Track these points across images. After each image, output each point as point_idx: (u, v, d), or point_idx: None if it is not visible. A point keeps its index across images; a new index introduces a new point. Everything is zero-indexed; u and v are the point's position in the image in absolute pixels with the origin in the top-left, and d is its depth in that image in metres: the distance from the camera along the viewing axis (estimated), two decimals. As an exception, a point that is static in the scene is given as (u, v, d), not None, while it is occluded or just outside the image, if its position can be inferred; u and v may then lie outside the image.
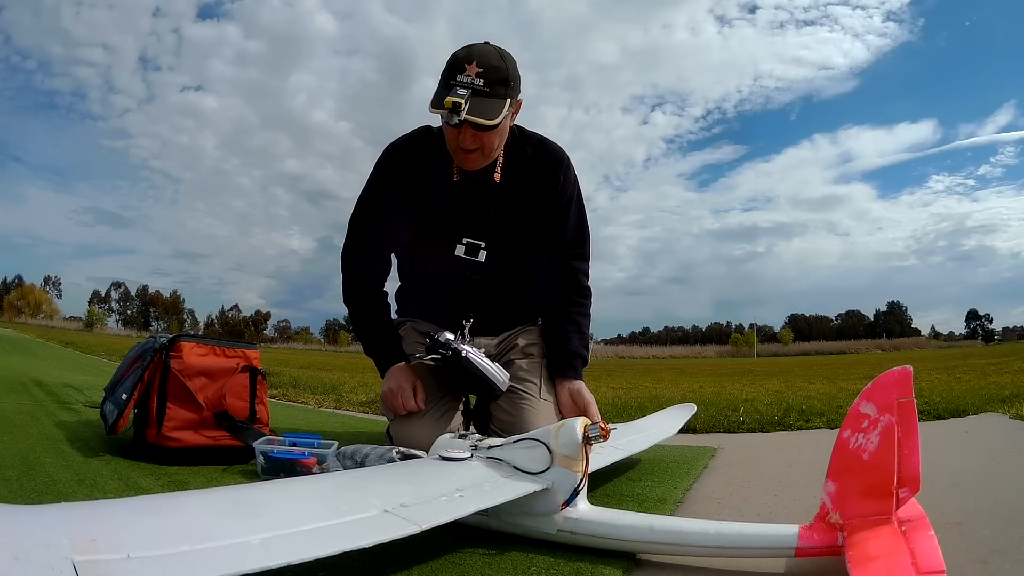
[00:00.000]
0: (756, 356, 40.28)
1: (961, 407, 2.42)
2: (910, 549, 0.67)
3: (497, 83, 1.26)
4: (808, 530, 0.76)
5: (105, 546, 0.53)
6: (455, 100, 1.20)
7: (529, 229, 1.48)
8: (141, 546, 0.55)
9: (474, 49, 1.28)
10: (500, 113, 1.26)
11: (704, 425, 2.28)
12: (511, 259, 1.49)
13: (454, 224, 1.44)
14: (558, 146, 1.50)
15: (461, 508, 0.78)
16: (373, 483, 0.90)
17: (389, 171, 1.46)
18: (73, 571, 0.48)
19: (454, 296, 1.49)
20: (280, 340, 63.71)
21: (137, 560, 0.53)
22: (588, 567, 0.80)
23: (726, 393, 4.14)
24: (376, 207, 1.47)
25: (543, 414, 1.42)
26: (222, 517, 0.67)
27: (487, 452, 0.95)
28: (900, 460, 0.71)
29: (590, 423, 0.89)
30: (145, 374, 1.50)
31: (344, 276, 1.51)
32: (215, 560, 0.55)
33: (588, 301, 1.54)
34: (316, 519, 0.67)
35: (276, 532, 0.63)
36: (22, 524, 0.57)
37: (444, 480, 0.87)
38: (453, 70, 1.26)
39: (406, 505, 0.74)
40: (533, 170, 1.45)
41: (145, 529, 0.61)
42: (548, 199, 1.47)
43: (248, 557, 0.56)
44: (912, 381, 0.74)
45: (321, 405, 3.09)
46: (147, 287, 70.73)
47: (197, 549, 0.56)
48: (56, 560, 0.49)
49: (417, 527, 0.69)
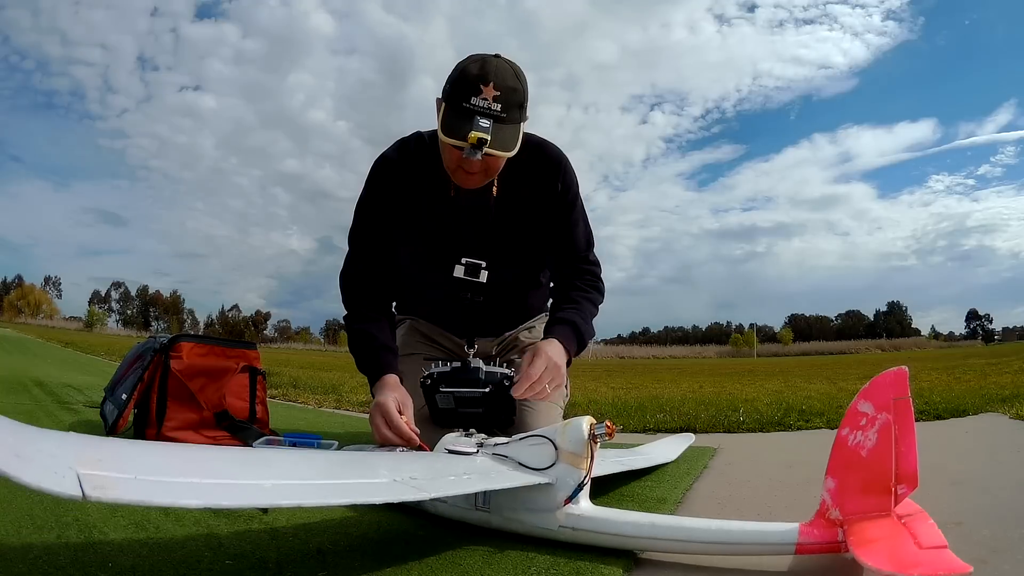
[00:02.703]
0: (756, 356, 40.29)
1: (961, 407, 2.41)
2: (911, 533, 0.70)
3: (514, 107, 1.16)
4: (808, 527, 0.76)
5: (111, 466, 0.50)
6: (481, 136, 1.09)
7: (531, 240, 1.39)
8: (149, 472, 0.52)
9: (489, 67, 1.15)
10: (518, 140, 1.17)
11: (704, 425, 2.28)
12: (514, 273, 1.40)
13: (452, 243, 1.35)
14: (555, 147, 1.40)
15: (468, 485, 0.79)
16: (382, 459, 0.91)
17: (381, 185, 1.36)
18: (76, 481, 0.45)
19: (455, 317, 1.45)
20: (280, 340, 63.78)
21: (145, 482, 0.50)
22: (588, 566, 0.79)
23: (726, 393, 4.14)
24: (374, 221, 1.37)
25: (542, 415, 1.41)
26: (233, 464, 0.66)
27: (493, 449, 0.96)
28: (897, 457, 0.73)
29: (596, 422, 0.90)
30: (145, 374, 1.50)
31: (344, 295, 1.39)
32: (227, 492, 0.54)
33: (597, 293, 1.43)
34: (327, 477, 0.67)
35: (288, 481, 0.62)
36: (30, 433, 0.54)
37: (452, 465, 0.88)
38: (467, 90, 1.13)
39: (415, 478, 0.74)
40: (532, 177, 1.35)
41: (153, 460, 0.58)
42: (549, 206, 1.38)
43: (260, 495, 0.55)
44: (908, 381, 0.75)
45: (321, 405, 3.09)
46: (147, 287, 71.00)
47: (207, 482, 0.54)
48: (59, 467, 0.46)
49: (426, 494, 0.70)
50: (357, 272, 1.38)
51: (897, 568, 0.65)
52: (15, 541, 0.80)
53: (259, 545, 0.84)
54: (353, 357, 1.33)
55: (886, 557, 0.66)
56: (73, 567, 0.72)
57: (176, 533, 0.87)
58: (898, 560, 0.66)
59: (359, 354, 1.32)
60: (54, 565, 0.72)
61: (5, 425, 0.52)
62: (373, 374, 1.27)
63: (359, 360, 1.32)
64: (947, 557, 0.65)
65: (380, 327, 1.34)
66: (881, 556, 0.67)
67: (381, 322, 1.35)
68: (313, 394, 3.50)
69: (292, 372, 5.84)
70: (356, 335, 1.33)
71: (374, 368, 1.28)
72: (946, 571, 0.63)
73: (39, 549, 0.77)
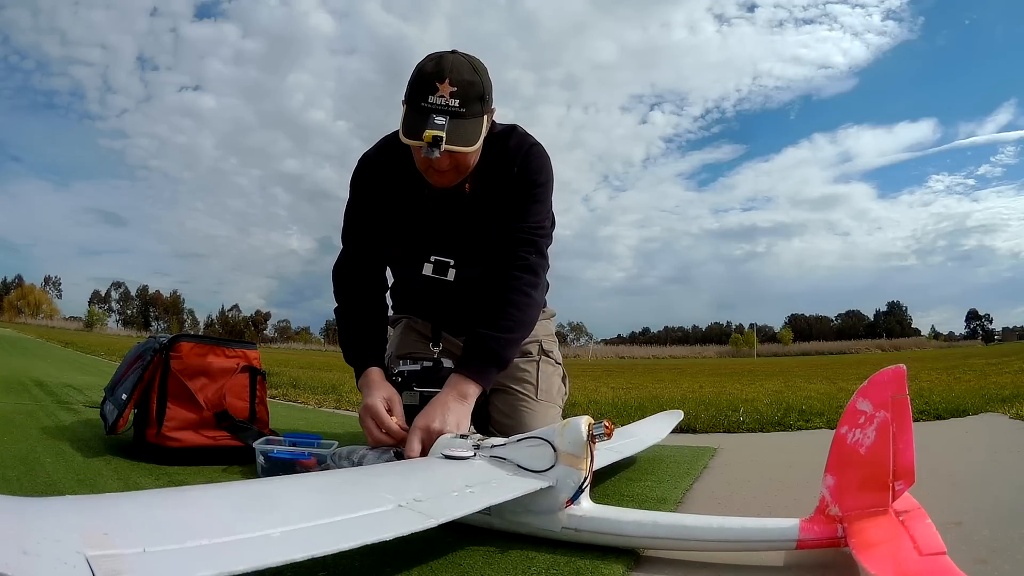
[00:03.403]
0: (756, 356, 40.29)
1: (961, 407, 2.41)
2: (910, 535, 0.71)
3: (474, 100, 1.15)
4: (808, 523, 0.78)
5: (118, 540, 0.49)
6: (435, 134, 1.10)
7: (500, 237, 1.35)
8: (157, 540, 0.50)
9: (444, 63, 1.15)
10: (480, 134, 1.17)
11: (704, 425, 2.28)
12: (483, 271, 1.35)
13: (422, 242, 1.36)
14: (525, 135, 1.34)
15: (474, 503, 0.77)
16: (382, 479, 0.90)
17: (362, 185, 1.38)
18: (87, 566, 0.44)
19: (428, 315, 1.47)
20: (280, 340, 63.83)
21: (155, 554, 0.48)
22: (588, 565, 0.80)
23: (726, 393, 4.14)
24: (360, 221, 1.39)
25: (541, 416, 1.41)
26: (237, 511, 0.65)
27: (490, 452, 0.95)
28: (895, 454, 0.75)
29: (594, 421, 0.90)
30: (145, 374, 1.50)
31: (335, 287, 1.41)
32: (237, 553, 0.52)
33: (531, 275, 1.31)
34: (333, 513, 0.66)
35: (295, 526, 0.61)
36: (27, 516, 0.53)
37: (452, 477, 0.87)
38: (423, 89, 1.13)
39: (419, 500, 0.73)
40: (503, 168, 1.31)
41: (158, 522, 0.57)
42: (508, 193, 1.32)
43: (270, 550, 0.54)
44: (906, 379, 0.76)
45: (321, 405, 3.09)
46: (147, 287, 71.07)
47: (216, 543, 0.53)
48: (67, 555, 0.45)
49: (435, 520, 0.68)
50: (349, 266, 1.41)
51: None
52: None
53: (259, 545, 0.84)
54: (342, 350, 1.35)
55: (888, 566, 0.67)
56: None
57: (176, 533, 0.87)
58: (899, 569, 0.67)
59: (346, 346, 1.34)
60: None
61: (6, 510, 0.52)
62: (358, 366, 1.30)
63: (346, 352, 1.34)
64: (945, 565, 0.66)
65: (368, 320, 1.36)
66: (884, 564, 0.67)
67: (370, 315, 1.37)
68: (313, 394, 3.50)
69: (292, 372, 5.84)
70: (345, 327, 1.37)
71: (358, 360, 1.30)
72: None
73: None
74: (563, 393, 1.56)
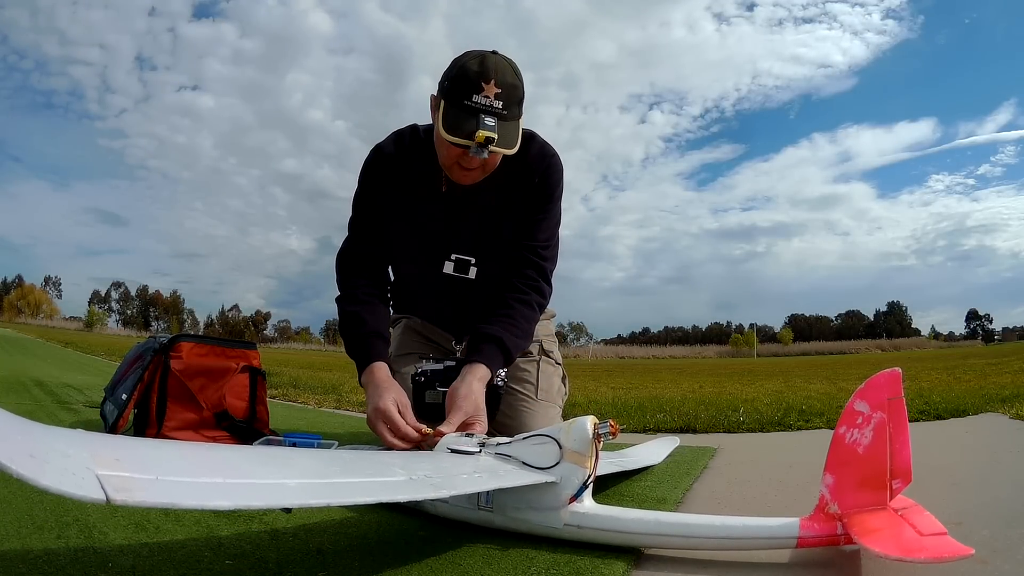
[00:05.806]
0: (756, 356, 40.30)
1: (961, 407, 2.41)
2: (910, 524, 0.73)
3: (515, 104, 1.16)
4: (809, 521, 0.78)
5: (130, 466, 0.46)
6: (488, 135, 1.10)
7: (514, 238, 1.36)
8: (171, 472, 0.48)
9: (489, 63, 1.14)
10: (519, 137, 1.18)
11: (704, 425, 2.28)
12: (502, 267, 1.37)
13: (442, 239, 1.35)
14: (547, 145, 1.37)
15: (482, 484, 0.79)
16: (393, 458, 0.90)
17: (374, 177, 1.35)
18: (97, 483, 0.40)
19: (446, 313, 1.45)
20: (280, 340, 63.87)
21: (168, 483, 0.46)
22: (588, 564, 0.80)
23: (726, 393, 4.14)
24: (370, 211, 1.37)
25: (540, 416, 1.41)
26: (254, 464, 0.64)
27: (495, 449, 0.96)
28: (892, 454, 0.77)
29: (599, 421, 0.90)
30: (145, 374, 1.50)
31: (339, 276, 1.37)
32: (254, 492, 0.51)
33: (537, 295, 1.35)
34: (348, 475, 0.66)
35: (311, 480, 0.60)
36: (35, 432, 0.49)
37: (460, 464, 0.88)
38: (467, 88, 1.12)
39: (430, 476, 0.74)
40: (519, 172, 1.32)
41: (174, 459, 0.55)
42: (526, 198, 1.34)
43: (287, 494, 0.53)
44: (901, 382, 0.78)
45: (321, 405, 3.09)
46: (147, 287, 71.15)
47: (232, 482, 0.52)
48: (76, 468, 0.42)
49: (446, 492, 0.70)
50: (354, 254, 1.37)
51: (903, 553, 0.67)
52: (15, 541, 0.79)
53: (259, 545, 0.84)
54: (343, 340, 1.31)
55: (892, 544, 0.69)
56: (73, 567, 0.72)
57: (176, 533, 0.87)
58: (903, 546, 0.69)
59: (348, 337, 1.29)
60: (54, 565, 0.72)
61: (11, 421, 0.47)
62: (361, 360, 1.25)
63: (348, 344, 1.29)
64: (948, 542, 0.69)
65: (373, 311, 1.31)
66: (887, 543, 0.69)
67: (374, 306, 1.33)
68: (313, 394, 3.49)
69: (292, 372, 5.84)
70: (347, 317, 1.31)
71: (362, 354, 1.25)
72: (949, 554, 0.67)
73: (39, 549, 0.77)
74: (563, 393, 1.57)
